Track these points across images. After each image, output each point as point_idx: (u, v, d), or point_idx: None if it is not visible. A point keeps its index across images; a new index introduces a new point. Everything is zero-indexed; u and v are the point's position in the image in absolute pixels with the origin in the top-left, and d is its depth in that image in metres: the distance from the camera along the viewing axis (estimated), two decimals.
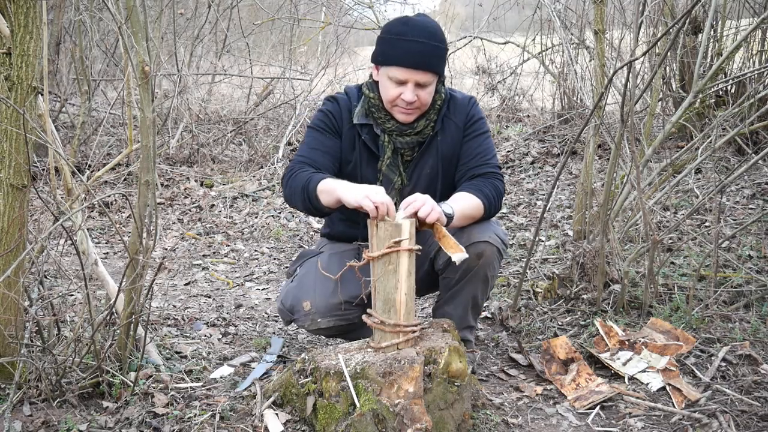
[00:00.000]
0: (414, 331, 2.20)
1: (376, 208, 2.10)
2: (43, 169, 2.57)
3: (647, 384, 2.53)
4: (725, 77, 4.74)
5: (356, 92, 2.58)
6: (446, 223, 2.27)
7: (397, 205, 2.28)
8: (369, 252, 2.17)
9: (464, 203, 2.39)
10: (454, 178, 2.58)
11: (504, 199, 5.19)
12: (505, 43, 6.75)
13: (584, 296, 3.18)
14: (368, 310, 2.23)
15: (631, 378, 2.58)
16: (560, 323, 3.06)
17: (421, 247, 2.21)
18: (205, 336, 3.06)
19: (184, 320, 3.24)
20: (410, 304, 2.19)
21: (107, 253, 4.52)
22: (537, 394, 2.53)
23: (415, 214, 2.16)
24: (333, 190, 2.28)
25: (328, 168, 2.49)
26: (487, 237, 2.45)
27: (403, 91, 2.39)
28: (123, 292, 2.36)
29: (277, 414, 2.23)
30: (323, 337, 3.07)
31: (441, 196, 2.49)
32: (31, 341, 2.37)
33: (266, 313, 3.49)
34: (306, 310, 2.56)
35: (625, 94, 2.79)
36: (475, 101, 2.62)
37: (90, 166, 5.40)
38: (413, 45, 2.35)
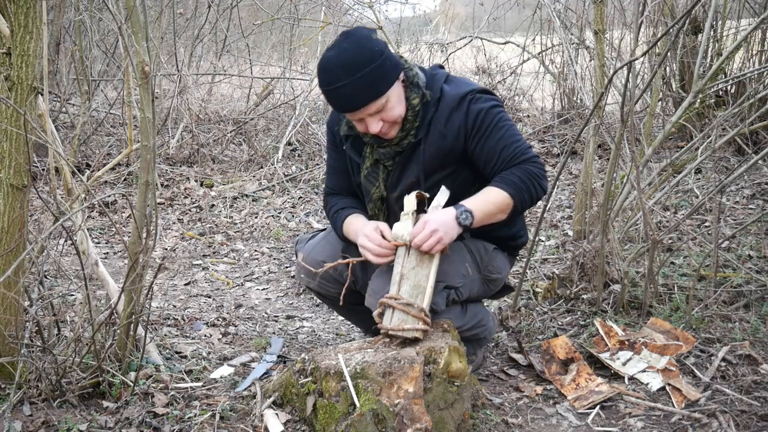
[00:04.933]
0: (430, 325, 2.25)
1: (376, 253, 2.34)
2: (43, 169, 2.57)
3: (647, 384, 2.53)
4: (725, 77, 4.73)
5: None
6: (466, 231, 2.33)
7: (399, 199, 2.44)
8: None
9: (485, 201, 2.34)
10: (433, 183, 2.47)
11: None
12: (505, 43, 6.74)
13: (584, 296, 3.18)
14: (390, 293, 2.26)
15: (631, 378, 2.57)
16: (560, 323, 3.06)
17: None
18: (205, 336, 3.06)
19: (184, 320, 3.24)
20: (430, 299, 2.25)
21: (107, 253, 4.52)
22: (537, 394, 2.53)
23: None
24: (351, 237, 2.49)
25: (346, 187, 2.62)
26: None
27: (366, 125, 2.34)
28: (123, 292, 2.36)
29: (277, 414, 2.23)
30: (323, 331, 3.07)
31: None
32: (31, 341, 2.37)
33: (266, 313, 3.49)
34: (299, 260, 2.66)
35: (625, 94, 2.79)
36: (472, 98, 2.38)
37: (90, 166, 5.40)
38: (340, 91, 2.25)
